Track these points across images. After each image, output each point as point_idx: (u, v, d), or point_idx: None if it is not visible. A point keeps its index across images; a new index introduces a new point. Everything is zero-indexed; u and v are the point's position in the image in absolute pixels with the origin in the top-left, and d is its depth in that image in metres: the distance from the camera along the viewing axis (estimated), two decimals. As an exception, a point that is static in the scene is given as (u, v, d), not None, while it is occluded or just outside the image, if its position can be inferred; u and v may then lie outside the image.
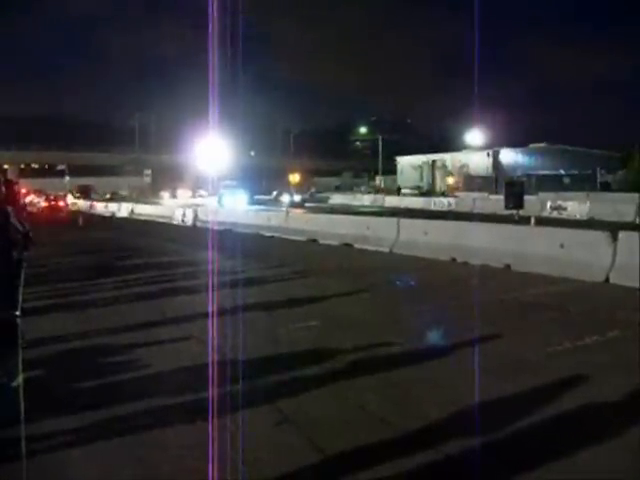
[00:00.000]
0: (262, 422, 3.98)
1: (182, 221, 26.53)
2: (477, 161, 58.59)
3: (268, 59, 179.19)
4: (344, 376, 4.87)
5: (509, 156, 57.42)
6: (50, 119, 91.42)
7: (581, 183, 39.82)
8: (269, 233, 18.49)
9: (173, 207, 32.30)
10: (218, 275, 9.52)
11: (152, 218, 30.04)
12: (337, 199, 49.60)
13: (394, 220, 14.50)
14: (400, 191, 56.86)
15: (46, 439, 3.71)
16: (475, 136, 63.90)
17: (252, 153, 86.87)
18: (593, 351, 5.46)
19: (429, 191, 56.48)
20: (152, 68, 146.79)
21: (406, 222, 14.19)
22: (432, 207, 34.72)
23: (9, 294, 4.75)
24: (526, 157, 56.39)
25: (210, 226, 21.76)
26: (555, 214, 25.14)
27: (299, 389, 4.57)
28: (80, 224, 25.73)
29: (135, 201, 43.32)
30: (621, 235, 9.22)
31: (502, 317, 6.89)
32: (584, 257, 9.44)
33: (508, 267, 10.42)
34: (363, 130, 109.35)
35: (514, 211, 17.72)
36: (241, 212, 26.15)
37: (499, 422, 3.87)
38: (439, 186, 61.23)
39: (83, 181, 66.53)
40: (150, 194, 65.02)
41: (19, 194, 8.48)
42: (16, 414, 3.73)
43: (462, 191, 48.53)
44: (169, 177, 72.12)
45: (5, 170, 34.50)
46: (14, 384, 4.43)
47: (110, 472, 3.43)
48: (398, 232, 13.73)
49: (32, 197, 41.32)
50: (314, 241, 16.08)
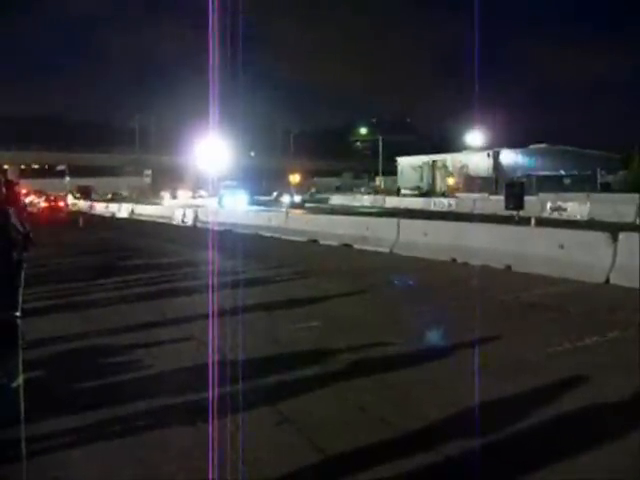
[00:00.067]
0: (262, 422, 3.98)
1: (182, 222, 26.55)
2: (477, 162, 58.62)
3: (268, 59, 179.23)
4: (344, 376, 4.87)
5: (509, 157, 57.45)
6: (50, 119, 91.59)
7: (581, 184, 39.77)
8: (269, 234, 18.50)
9: (173, 208, 32.34)
10: (218, 276, 9.52)
11: (152, 219, 30.07)
12: (337, 200, 49.62)
13: (394, 221, 14.50)
14: (400, 192, 56.88)
15: (46, 439, 3.72)
16: (475, 137, 64.02)
17: (252, 153, 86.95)
18: (593, 352, 5.46)
19: (429, 192, 56.47)
20: (152, 68, 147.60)
21: (406, 223, 14.19)
22: (432, 208, 34.72)
23: (9, 295, 4.74)
24: (526, 158, 56.37)
25: (210, 227, 21.79)
26: (555, 215, 25.14)
27: (299, 389, 4.57)
28: (80, 225, 25.71)
29: (135, 202, 43.34)
30: (621, 236, 9.23)
31: (502, 318, 6.89)
32: (584, 258, 9.44)
33: (508, 268, 10.42)
34: (363, 130, 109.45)
35: (514, 212, 17.69)
36: (241, 213, 26.16)
37: (499, 423, 3.87)
38: (439, 187, 61.27)
39: (83, 181, 66.74)
40: (150, 195, 65.06)
41: (19, 194, 8.47)
42: (16, 415, 3.73)
43: (462, 192, 48.54)
44: (169, 178, 72.14)
45: (5, 170, 34.45)
46: (14, 385, 4.42)
47: (110, 472, 3.43)
48: (398, 233, 13.73)
49: (32, 197, 41.27)
50: (314, 242, 16.08)
